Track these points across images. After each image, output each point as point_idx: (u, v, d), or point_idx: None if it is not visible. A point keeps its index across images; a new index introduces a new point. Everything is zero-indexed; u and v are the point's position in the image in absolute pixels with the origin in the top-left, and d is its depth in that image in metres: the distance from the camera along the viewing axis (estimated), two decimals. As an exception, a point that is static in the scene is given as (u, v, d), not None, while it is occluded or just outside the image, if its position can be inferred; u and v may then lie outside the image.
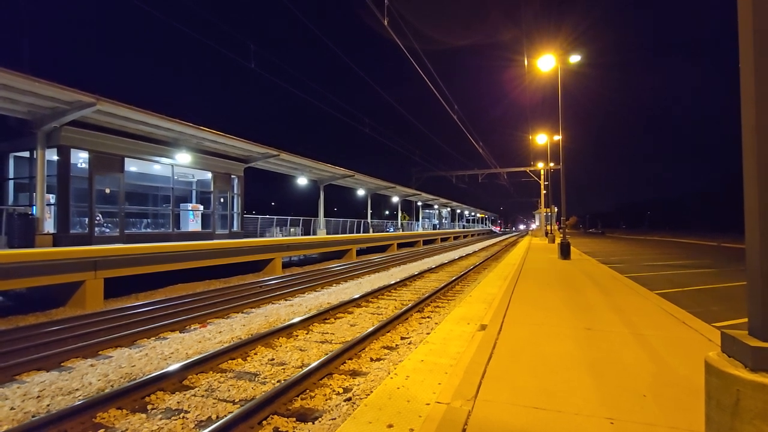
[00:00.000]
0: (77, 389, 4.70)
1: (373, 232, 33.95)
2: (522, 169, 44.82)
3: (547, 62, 15.77)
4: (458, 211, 73.61)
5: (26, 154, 12.10)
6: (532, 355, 3.91)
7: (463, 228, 74.87)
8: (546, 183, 39.54)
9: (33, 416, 4.04)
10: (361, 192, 32.97)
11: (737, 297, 9.28)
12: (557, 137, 23.39)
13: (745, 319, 1.74)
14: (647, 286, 8.78)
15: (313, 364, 4.97)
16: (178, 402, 4.35)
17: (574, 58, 15.94)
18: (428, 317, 8.29)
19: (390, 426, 2.68)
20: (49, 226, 11.79)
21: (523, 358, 3.83)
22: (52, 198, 12.07)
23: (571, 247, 15.75)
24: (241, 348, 5.92)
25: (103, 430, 3.82)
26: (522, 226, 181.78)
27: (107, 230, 13.71)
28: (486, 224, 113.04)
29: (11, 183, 12.68)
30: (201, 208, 17.54)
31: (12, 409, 4.19)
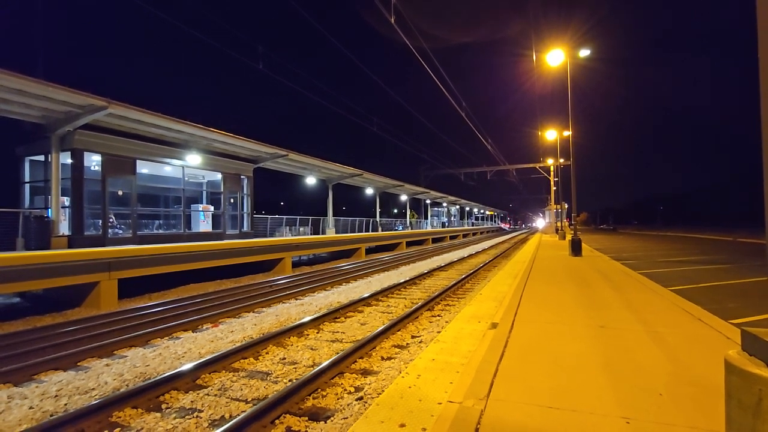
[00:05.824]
0: (93, 389, 4.78)
1: (382, 230, 33.94)
2: (531, 165, 44.45)
3: (556, 57, 15.60)
4: (467, 208, 73.25)
5: (41, 157, 12.33)
6: (544, 354, 3.87)
7: (472, 226, 74.51)
8: (556, 179, 39.14)
9: (51, 415, 4.12)
10: (369, 191, 32.98)
11: (754, 293, 9.08)
12: (567, 133, 23.14)
13: (764, 316, 1.69)
14: (661, 282, 8.64)
15: (325, 363, 4.98)
16: (191, 401, 4.40)
17: (584, 53, 15.75)
18: (439, 316, 8.27)
19: (402, 425, 2.67)
20: (64, 228, 12.01)
21: (535, 357, 3.79)
22: (66, 200, 12.29)
23: (582, 244, 15.57)
24: (253, 347, 5.96)
25: (119, 429, 3.88)
26: (531, 224, 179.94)
27: (120, 231, 13.92)
28: (495, 222, 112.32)
29: (27, 186, 12.92)
30: (211, 208, 17.69)
31: (31, 408, 4.28)
